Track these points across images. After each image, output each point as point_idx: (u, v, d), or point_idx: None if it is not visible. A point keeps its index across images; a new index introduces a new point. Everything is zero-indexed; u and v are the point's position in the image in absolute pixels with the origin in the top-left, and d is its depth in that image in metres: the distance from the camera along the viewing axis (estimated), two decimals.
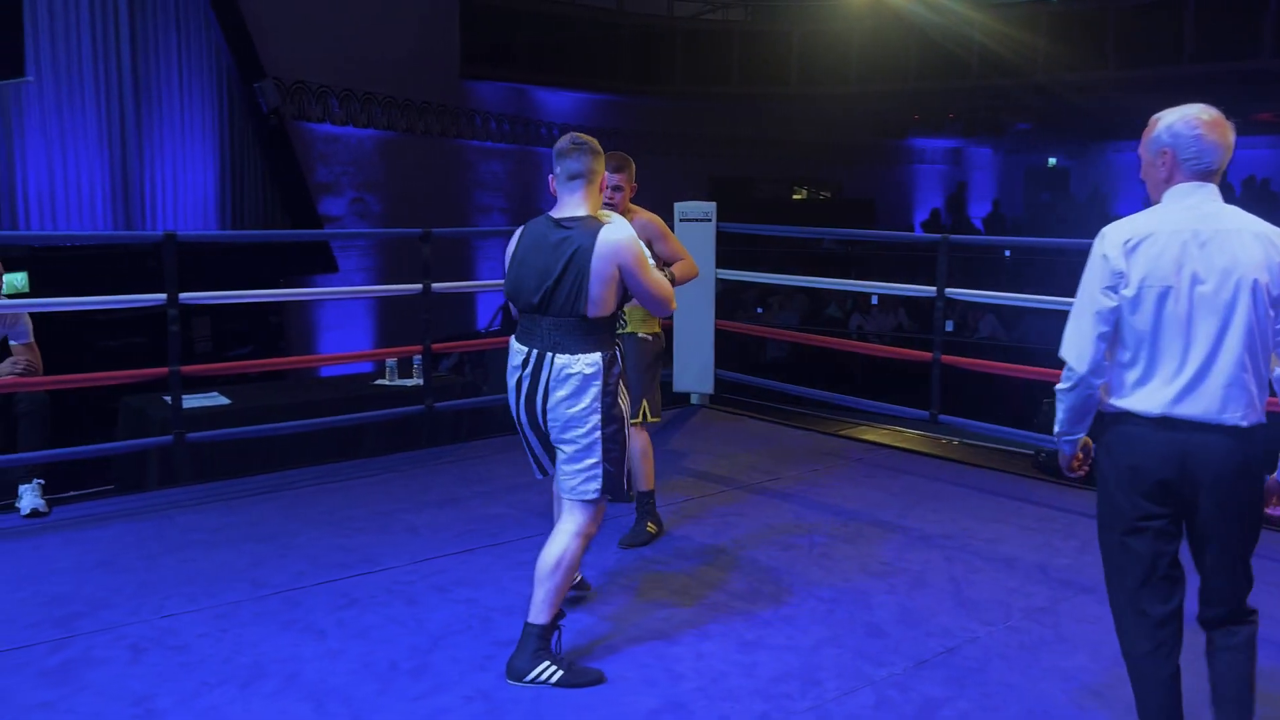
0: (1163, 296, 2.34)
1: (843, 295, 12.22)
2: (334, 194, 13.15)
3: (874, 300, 11.89)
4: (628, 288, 3.08)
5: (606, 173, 3.40)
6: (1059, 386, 2.50)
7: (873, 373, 9.67)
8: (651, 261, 3.22)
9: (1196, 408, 2.33)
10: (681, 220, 6.41)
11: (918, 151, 22.47)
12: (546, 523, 4.30)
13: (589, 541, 3.14)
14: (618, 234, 3.01)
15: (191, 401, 5.29)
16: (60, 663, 3.10)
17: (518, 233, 3.18)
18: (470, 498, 4.75)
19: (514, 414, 3.17)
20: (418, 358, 5.85)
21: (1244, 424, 2.32)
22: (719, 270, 6.43)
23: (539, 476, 3.34)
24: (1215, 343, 2.32)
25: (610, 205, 3.79)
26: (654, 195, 5.23)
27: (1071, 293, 2.47)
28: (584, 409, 3.01)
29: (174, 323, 4.74)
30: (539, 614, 3.03)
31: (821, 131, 20.00)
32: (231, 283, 5.39)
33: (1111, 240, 2.39)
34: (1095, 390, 2.46)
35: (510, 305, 3.28)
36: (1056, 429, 2.56)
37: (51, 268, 8.61)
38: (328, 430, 5.46)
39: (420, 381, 5.80)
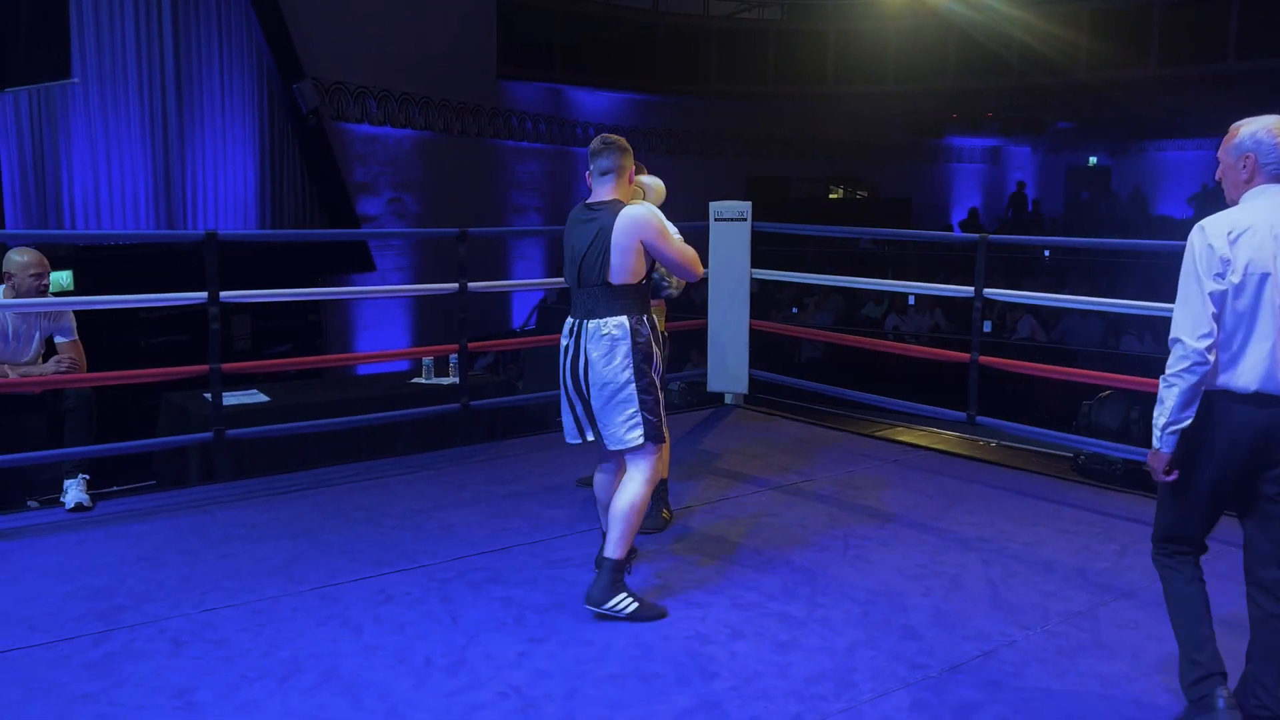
0: (1262, 282, 2.59)
1: (879, 295, 12.14)
2: (371, 194, 13.27)
3: (910, 300, 11.80)
4: (655, 258, 3.45)
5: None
6: (1170, 372, 2.64)
7: (909, 374, 9.60)
8: (676, 234, 3.56)
9: (1277, 385, 2.60)
10: (717, 220, 6.40)
11: (955, 150, 22.30)
12: (582, 520, 4.34)
13: (653, 487, 3.50)
14: (636, 210, 3.40)
15: (232, 399, 5.36)
16: (103, 655, 3.15)
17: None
18: (505, 496, 4.78)
19: (560, 379, 3.52)
20: (454, 356, 5.89)
21: None
22: (754, 270, 6.41)
23: (572, 440, 3.60)
24: None
25: None
26: (689, 194, 5.23)
27: (1113, 294, 2.51)
28: (617, 366, 3.37)
29: (215, 321, 4.80)
30: (614, 550, 3.39)
31: (858, 131, 19.89)
32: (271, 281, 5.45)
33: (1214, 231, 2.62)
34: (1210, 367, 2.61)
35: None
36: (1165, 420, 2.66)
37: (96, 266, 8.75)
38: (365, 428, 5.51)
39: (456, 380, 5.84)
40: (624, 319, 3.38)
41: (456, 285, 5.57)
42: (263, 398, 5.62)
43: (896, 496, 4.83)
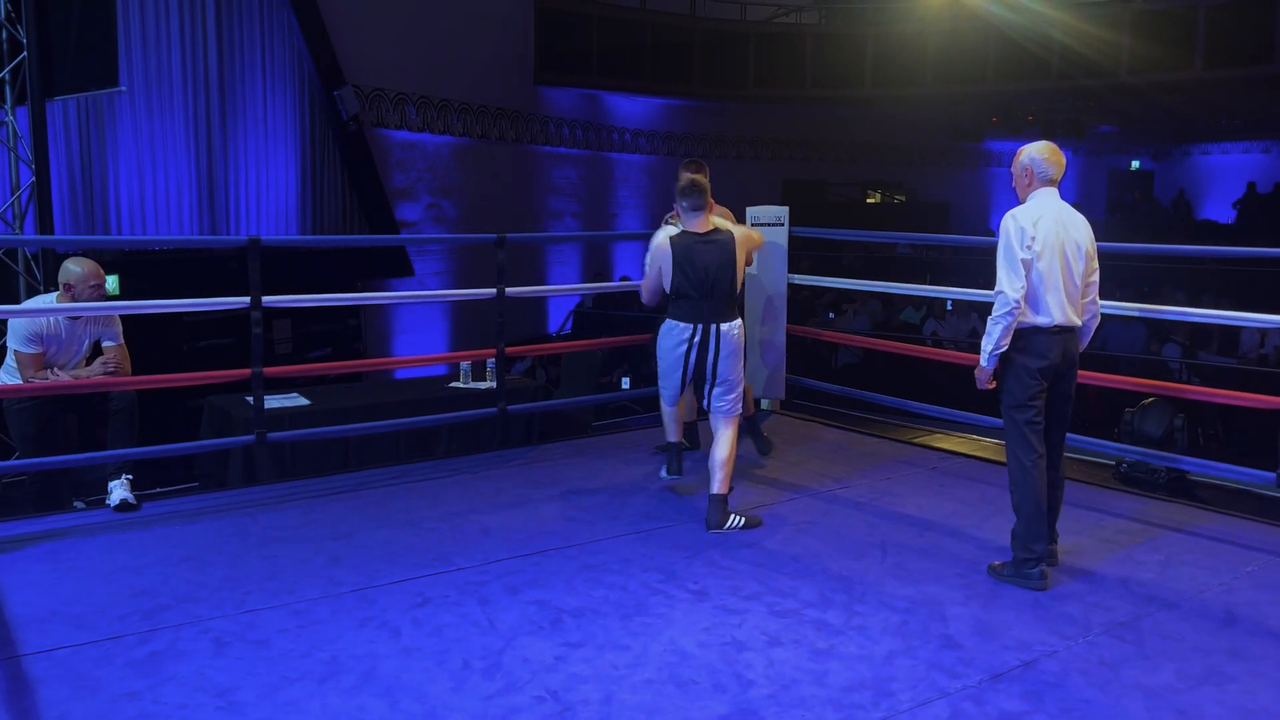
0: (1052, 252, 3.77)
1: (917, 300, 12.05)
2: (410, 199, 13.39)
3: (948, 305, 11.70)
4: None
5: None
6: (998, 314, 3.77)
7: (948, 380, 9.51)
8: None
9: (1068, 319, 3.82)
10: (754, 225, 6.38)
11: (995, 154, 22.11)
12: (614, 526, 4.36)
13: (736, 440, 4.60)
14: (743, 231, 4.60)
15: (273, 402, 5.42)
16: (147, 654, 3.20)
17: (666, 246, 4.47)
18: (541, 500, 4.79)
19: (680, 370, 4.50)
20: (491, 361, 5.92)
21: (1076, 324, 3.88)
22: (791, 275, 6.38)
23: (674, 403, 4.77)
24: (1072, 281, 3.82)
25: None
26: (727, 199, 5.23)
27: (1155, 300, 2.54)
28: (737, 355, 4.51)
29: (257, 325, 4.86)
30: (720, 487, 4.42)
31: (896, 134, 19.76)
32: (312, 286, 5.51)
33: (1024, 219, 3.78)
34: (1021, 310, 3.75)
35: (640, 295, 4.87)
36: (992, 347, 3.81)
37: (141, 271, 8.90)
38: (404, 431, 5.55)
39: (493, 384, 5.87)
40: (740, 321, 4.55)
41: (494, 290, 5.60)
42: (303, 401, 5.68)
43: (935, 504, 4.79)
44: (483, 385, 6.13)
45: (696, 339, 4.42)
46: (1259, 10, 13.54)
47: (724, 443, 4.48)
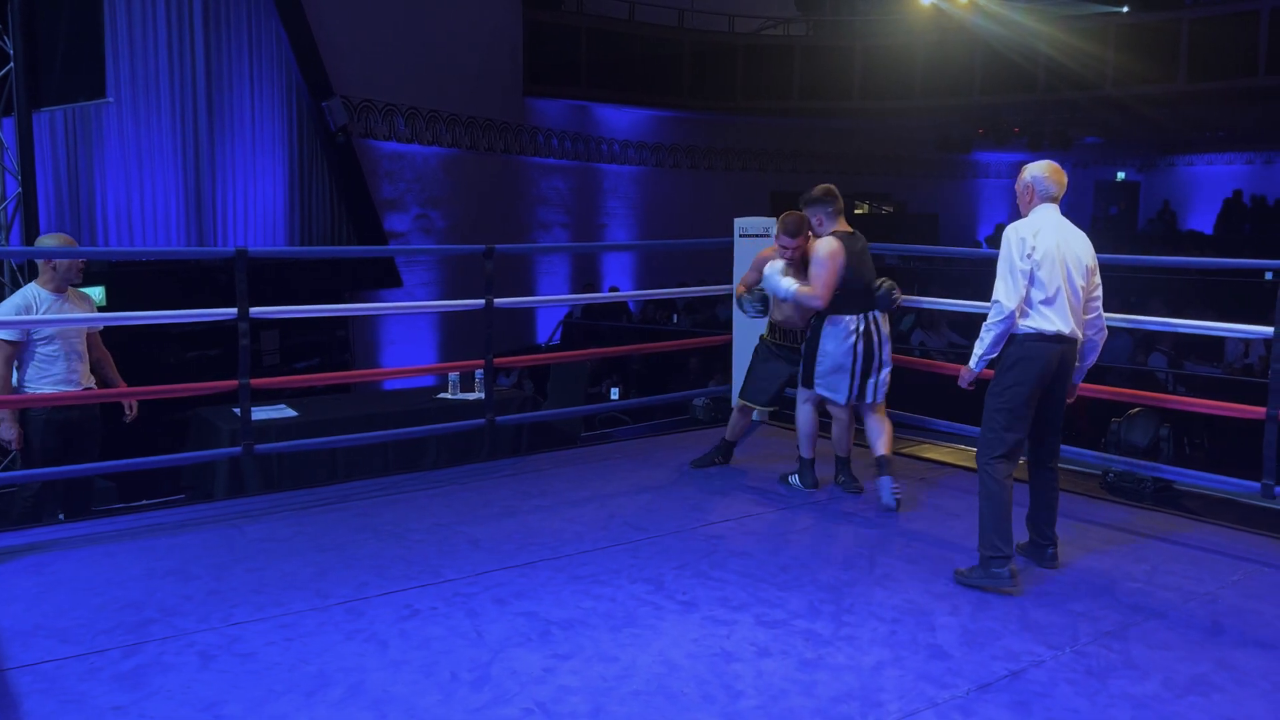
0: (1053, 262, 3.87)
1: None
2: (399, 210, 13.38)
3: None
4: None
5: (783, 236, 4.99)
6: (992, 322, 3.90)
7: (935, 390, 9.53)
8: (821, 272, 4.80)
9: (1067, 328, 3.91)
10: (741, 236, 6.41)
11: (982, 166, 22.22)
12: (603, 537, 4.35)
13: None
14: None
15: (260, 413, 5.40)
16: (133, 668, 3.18)
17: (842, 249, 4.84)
18: (530, 511, 4.79)
19: (853, 357, 4.88)
20: (479, 372, 5.92)
21: (1078, 336, 4.01)
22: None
23: (847, 399, 4.99)
24: (1073, 292, 3.93)
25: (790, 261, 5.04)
26: (714, 210, 5.27)
27: (1141, 310, 2.54)
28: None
29: (244, 337, 4.84)
30: (884, 451, 4.93)
31: (884, 146, 19.85)
32: (299, 297, 5.49)
33: (1024, 231, 3.91)
34: (1014, 321, 3.89)
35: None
36: (982, 352, 3.95)
37: (128, 283, 8.87)
38: (392, 442, 5.54)
39: (481, 395, 5.87)
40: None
41: (482, 302, 5.60)
42: (291, 413, 5.66)
43: (923, 514, 4.80)
44: (471, 396, 6.13)
45: (866, 327, 4.89)
46: (1242, 24, 13.66)
47: (885, 426, 5.03)
